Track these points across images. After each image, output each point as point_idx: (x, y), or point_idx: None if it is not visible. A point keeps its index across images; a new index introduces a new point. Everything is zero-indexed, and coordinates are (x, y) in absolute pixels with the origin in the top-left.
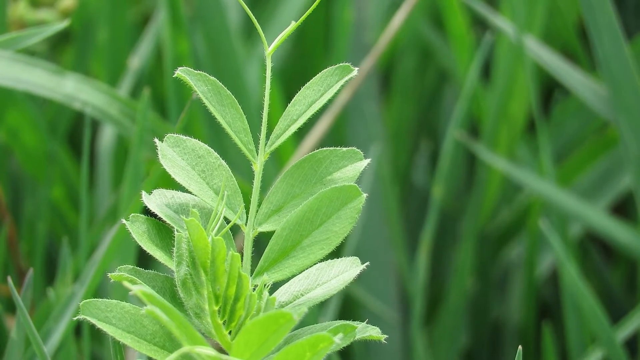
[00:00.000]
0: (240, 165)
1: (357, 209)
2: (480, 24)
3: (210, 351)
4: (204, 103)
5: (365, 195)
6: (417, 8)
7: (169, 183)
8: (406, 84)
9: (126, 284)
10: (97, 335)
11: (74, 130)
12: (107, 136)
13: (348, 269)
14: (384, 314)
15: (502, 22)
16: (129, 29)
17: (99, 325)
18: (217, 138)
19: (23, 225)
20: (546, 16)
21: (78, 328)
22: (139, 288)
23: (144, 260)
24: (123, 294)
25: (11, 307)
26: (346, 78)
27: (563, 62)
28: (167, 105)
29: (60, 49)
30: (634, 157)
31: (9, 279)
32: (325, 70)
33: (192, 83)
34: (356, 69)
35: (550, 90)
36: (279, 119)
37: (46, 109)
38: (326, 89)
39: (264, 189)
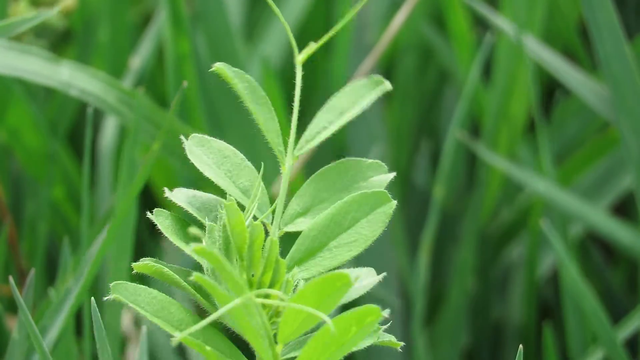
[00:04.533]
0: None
1: (388, 214)
2: (481, 24)
3: (271, 299)
4: (239, 100)
5: (395, 202)
6: (418, 8)
7: (168, 179)
8: (407, 84)
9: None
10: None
11: (75, 130)
12: (108, 136)
13: (364, 278)
14: (384, 314)
15: (502, 21)
16: (130, 29)
17: (131, 305)
18: (217, 138)
19: (24, 225)
20: (547, 16)
21: (78, 328)
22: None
23: (140, 256)
24: None
25: (12, 308)
26: (379, 89)
27: (564, 62)
28: (168, 105)
29: (60, 49)
30: (634, 157)
31: (11, 279)
32: (356, 80)
33: (233, 78)
34: (387, 81)
35: (551, 90)
36: (309, 124)
37: (47, 108)
38: (358, 99)
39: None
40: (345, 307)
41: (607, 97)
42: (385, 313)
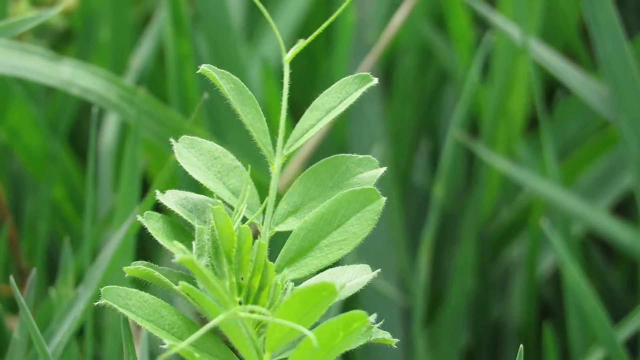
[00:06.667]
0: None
1: (377, 211)
2: (480, 23)
3: (255, 314)
4: (226, 102)
5: (384, 198)
6: (417, 7)
7: (172, 179)
8: (407, 84)
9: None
10: (98, 335)
11: (75, 129)
12: (108, 135)
13: (359, 275)
14: (384, 314)
15: (501, 20)
16: (131, 29)
17: (121, 310)
18: (217, 138)
19: (24, 225)
20: (547, 16)
21: (79, 328)
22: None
23: (143, 258)
24: None
25: (12, 307)
26: (365, 87)
27: (564, 61)
28: (169, 105)
29: (61, 49)
30: (634, 156)
31: (11, 279)
32: (345, 78)
33: (218, 79)
34: (375, 78)
35: (551, 89)
36: (296, 121)
37: (47, 108)
38: (345, 96)
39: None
40: (347, 303)
41: (607, 97)
42: (372, 318)
